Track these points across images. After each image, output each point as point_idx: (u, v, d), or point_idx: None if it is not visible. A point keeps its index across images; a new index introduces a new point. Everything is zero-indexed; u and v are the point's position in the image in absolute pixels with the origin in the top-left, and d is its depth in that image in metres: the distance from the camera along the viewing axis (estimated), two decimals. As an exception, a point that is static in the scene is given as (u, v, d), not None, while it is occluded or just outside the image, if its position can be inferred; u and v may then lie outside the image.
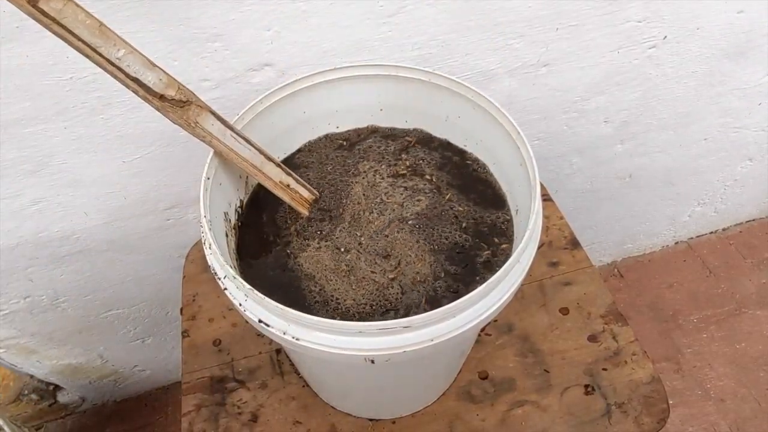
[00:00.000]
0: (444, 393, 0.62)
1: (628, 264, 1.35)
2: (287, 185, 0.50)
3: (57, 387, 1.07)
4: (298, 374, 0.63)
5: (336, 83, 0.54)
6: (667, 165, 1.04)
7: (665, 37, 0.75)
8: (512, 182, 0.50)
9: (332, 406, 0.61)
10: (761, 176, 1.19)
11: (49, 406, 1.07)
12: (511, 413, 0.60)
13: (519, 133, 0.46)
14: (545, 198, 0.77)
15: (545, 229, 0.74)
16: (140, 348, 1.05)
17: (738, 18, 0.76)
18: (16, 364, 0.95)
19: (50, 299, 0.84)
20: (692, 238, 1.37)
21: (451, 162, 0.55)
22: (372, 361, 0.37)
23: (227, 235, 0.47)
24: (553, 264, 0.71)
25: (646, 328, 1.24)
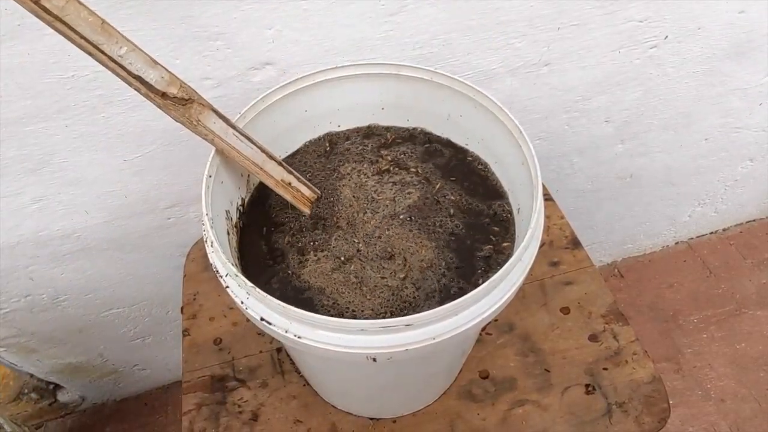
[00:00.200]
0: (445, 392, 0.62)
1: (629, 264, 1.35)
2: (289, 183, 0.50)
3: (57, 386, 1.07)
4: (299, 373, 0.63)
5: (337, 82, 0.54)
6: (668, 165, 1.04)
7: (666, 37, 0.75)
8: (514, 181, 0.50)
9: (333, 405, 0.61)
10: (762, 176, 1.19)
11: (49, 405, 1.07)
12: (512, 412, 0.60)
13: (521, 132, 0.46)
14: (546, 197, 0.77)
15: (546, 229, 0.74)
16: (140, 347, 1.05)
17: (739, 18, 0.76)
18: (17, 363, 0.95)
19: (51, 298, 0.84)
20: (692, 239, 1.37)
21: (440, 154, 0.55)
22: (374, 360, 0.37)
23: (229, 234, 0.47)
24: (554, 263, 0.71)
25: (647, 328, 1.23)
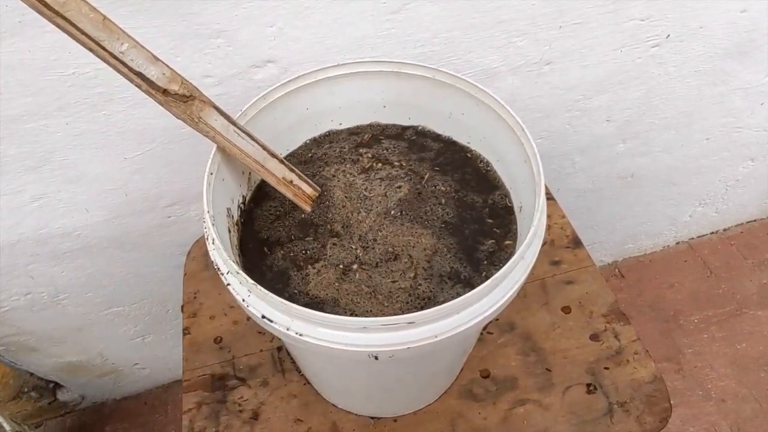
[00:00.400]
0: (446, 391, 0.61)
1: (629, 264, 1.35)
2: (290, 181, 0.50)
3: (57, 385, 1.07)
4: (300, 372, 0.63)
5: (339, 80, 0.54)
6: (669, 165, 1.04)
7: (668, 36, 0.75)
8: (516, 179, 0.50)
9: (334, 404, 0.61)
10: (763, 176, 1.18)
11: (49, 404, 1.07)
12: (513, 412, 0.60)
13: (523, 130, 0.46)
14: (547, 197, 0.76)
15: (547, 228, 0.74)
16: (140, 346, 1.05)
17: (741, 17, 0.76)
18: (16, 362, 0.95)
19: (51, 296, 0.84)
20: (693, 239, 1.37)
21: (424, 147, 0.56)
22: (376, 357, 0.37)
23: (230, 231, 0.47)
24: (555, 263, 0.71)
25: (647, 329, 1.23)
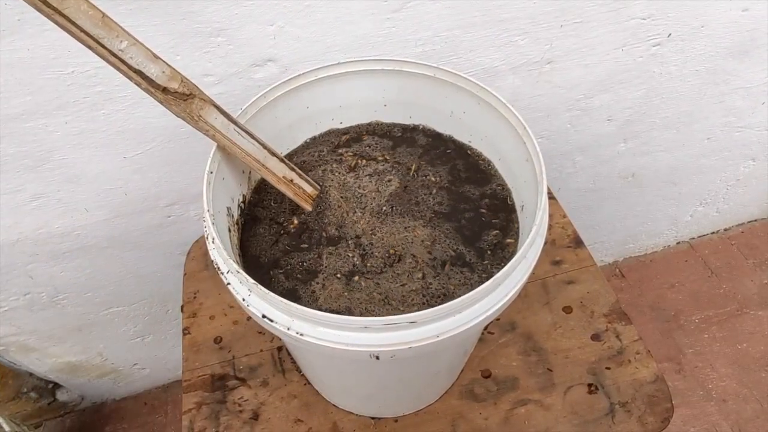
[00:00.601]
0: (447, 391, 0.61)
1: (630, 264, 1.35)
2: (290, 180, 0.50)
3: (56, 385, 1.06)
4: (300, 372, 0.63)
5: (339, 78, 0.53)
6: (670, 164, 1.04)
7: (670, 35, 0.75)
8: (517, 178, 0.50)
9: (334, 405, 0.61)
10: (764, 176, 1.18)
11: (48, 405, 1.07)
12: (514, 412, 0.60)
13: (525, 128, 0.46)
14: (549, 196, 0.77)
15: (548, 228, 0.74)
16: (140, 346, 1.04)
17: (743, 16, 0.76)
18: (16, 362, 0.94)
19: (50, 296, 0.83)
20: (694, 238, 1.36)
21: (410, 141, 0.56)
22: (377, 357, 0.37)
23: (230, 231, 0.47)
24: (556, 262, 0.71)
25: (648, 329, 1.23)
